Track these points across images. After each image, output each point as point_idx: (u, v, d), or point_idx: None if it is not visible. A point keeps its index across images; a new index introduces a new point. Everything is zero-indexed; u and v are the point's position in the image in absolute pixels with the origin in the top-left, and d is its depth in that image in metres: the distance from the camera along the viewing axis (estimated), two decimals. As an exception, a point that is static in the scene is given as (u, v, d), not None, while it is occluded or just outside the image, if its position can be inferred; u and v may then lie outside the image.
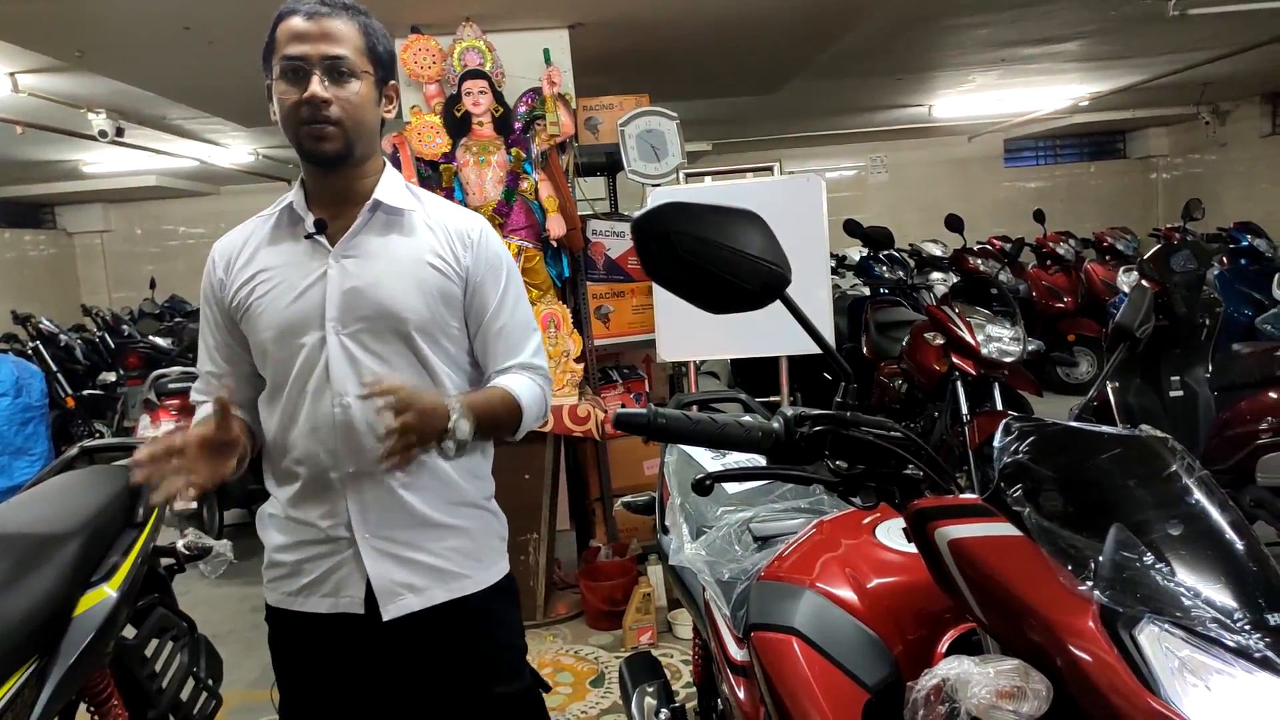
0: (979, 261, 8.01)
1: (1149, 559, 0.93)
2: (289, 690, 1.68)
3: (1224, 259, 6.91)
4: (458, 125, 3.85)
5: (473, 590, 1.62)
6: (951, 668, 0.92)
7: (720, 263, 1.06)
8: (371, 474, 1.52)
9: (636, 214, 1.13)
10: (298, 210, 1.55)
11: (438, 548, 1.58)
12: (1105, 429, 1.06)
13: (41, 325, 7.56)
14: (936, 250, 8.51)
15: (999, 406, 4.04)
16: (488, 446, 1.69)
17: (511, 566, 1.75)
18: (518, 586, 1.78)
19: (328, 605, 1.56)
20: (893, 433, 1.09)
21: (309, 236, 1.53)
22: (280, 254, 1.55)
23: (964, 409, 3.97)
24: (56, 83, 5.25)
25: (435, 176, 3.86)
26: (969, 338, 4.06)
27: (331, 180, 1.54)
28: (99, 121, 5.83)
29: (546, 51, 4.04)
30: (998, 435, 1.06)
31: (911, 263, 7.73)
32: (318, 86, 1.42)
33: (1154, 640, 0.88)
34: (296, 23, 1.44)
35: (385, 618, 1.54)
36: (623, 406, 4.29)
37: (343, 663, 1.60)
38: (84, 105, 5.75)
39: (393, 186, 1.57)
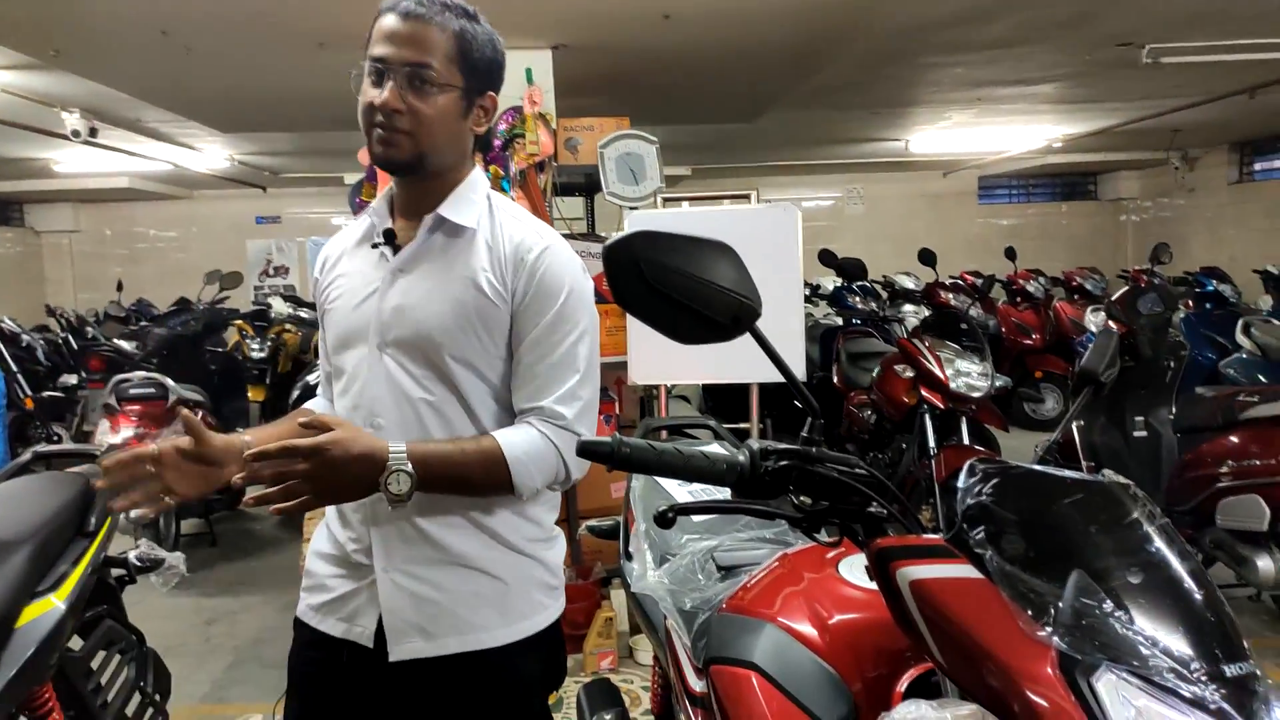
0: (950, 296, 8.09)
1: (1109, 606, 0.93)
2: (296, 708, 1.58)
3: (1190, 303, 7.04)
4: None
5: (491, 645, 1.45)
6: (909, 712, 0.91)
7: (691, 293, 1.06)
8: None
9: (607, 241, 1.12)
10: (375, 217, 1.51)
11: (462, 592, 1.44)
12: (1068, 473, 1.06)
13: (3, 324, 7.43)
14: (909, 283, 8.59)
15: (965, 440, 4.07)
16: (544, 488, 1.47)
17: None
18: (562, 640, 1.62)
19: (341, 629, 1.48)
20: (857, 470, 1.08)
21: (375, 246, 1.48)
22: (356, 260, 1.52)
23: (931, 442, 3.99)
24: (30, 80, 5.18)
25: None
26: (938, 371, 4.09)
27: (409, 189, 1.48)
28: (72, 121, 5.75)
29: (529, 71, 4.05)
30: (962, 476, 1.06)
31: (884, 294, 7.80)
32: (390, 94, 1.35)
33: (1111, 688, 0.88)
34: (390, 20, 1.36)
35: (392, 659, 1.43)
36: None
37: (348, 693, 1.50)
38: (57, 104, 5.68)
39: (463, 201, 1.46)
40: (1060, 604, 0.93)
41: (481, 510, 1.44)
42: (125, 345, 6.11)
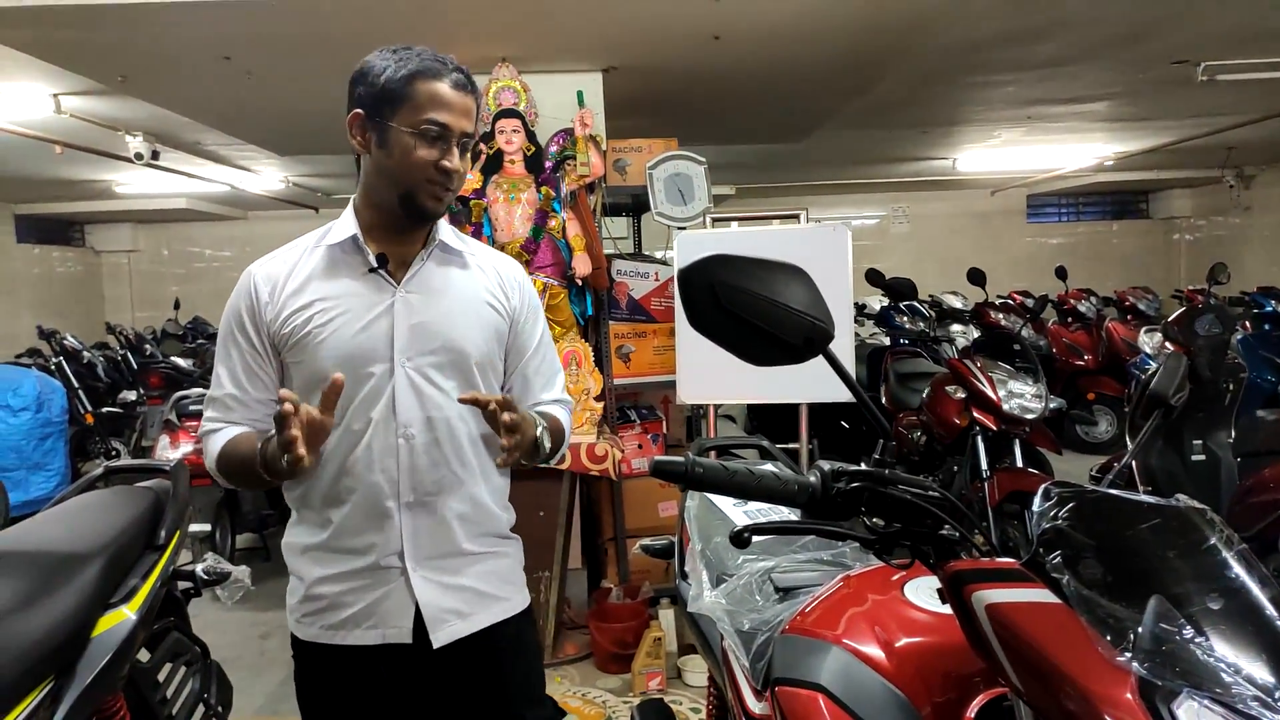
0: (1000, 316, 8.00)
1: (1189, 632, 0.92)
2: None
3: (1247, 324, 6.88)
4: (489, 162, 3.90)
5: (510, 614, 1.68)
6: (988, 736, 0.91)
7: (764, 316, 1.07)
8: (428, 504, 1.58)
9: (676, 262, 1.14)
10: (360, 244, 1.59)
11: (477, 572, 1.64)
12: (1144, 498, 1.05)
13: (65, 341, 7.63)
14: (957, 303, 8.51)
15: (1019, 463, 4.01)
16: (507, 476, 1.75)
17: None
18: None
19: (375, 637, 1.58)
20: (930, 492, 1.09)
21: (373, 270, 1.57)
22: (339, 285, 1.57)
23: (984, 464, 3.94)
24: (97, 105, 5.35)
25: (465, 212, 3.90)
26: (991, 393, 4.04)
27: (408, 226, 1.60)
28: (135, 144, 5.93)
29: (580, 93, 4.10)
30: (1036, 500, 1.06)
31: (932, 314, 7.73)
32: (457, 161, 1.52)
33: (1193, 715, 0.88)
34: (445, 90, 1.51)
35: (436, 644, 1.57)
36: (639, 446, 4.29)
37: (384, 695, 1.60)
38: (122, 128, 5.85)
39: (446, 229, 1.67)
40: (1139, 629, 0.93)
41: (485, 503, 1.65)
42: (182, 362, 6.25)
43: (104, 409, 7.10)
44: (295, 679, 1.68)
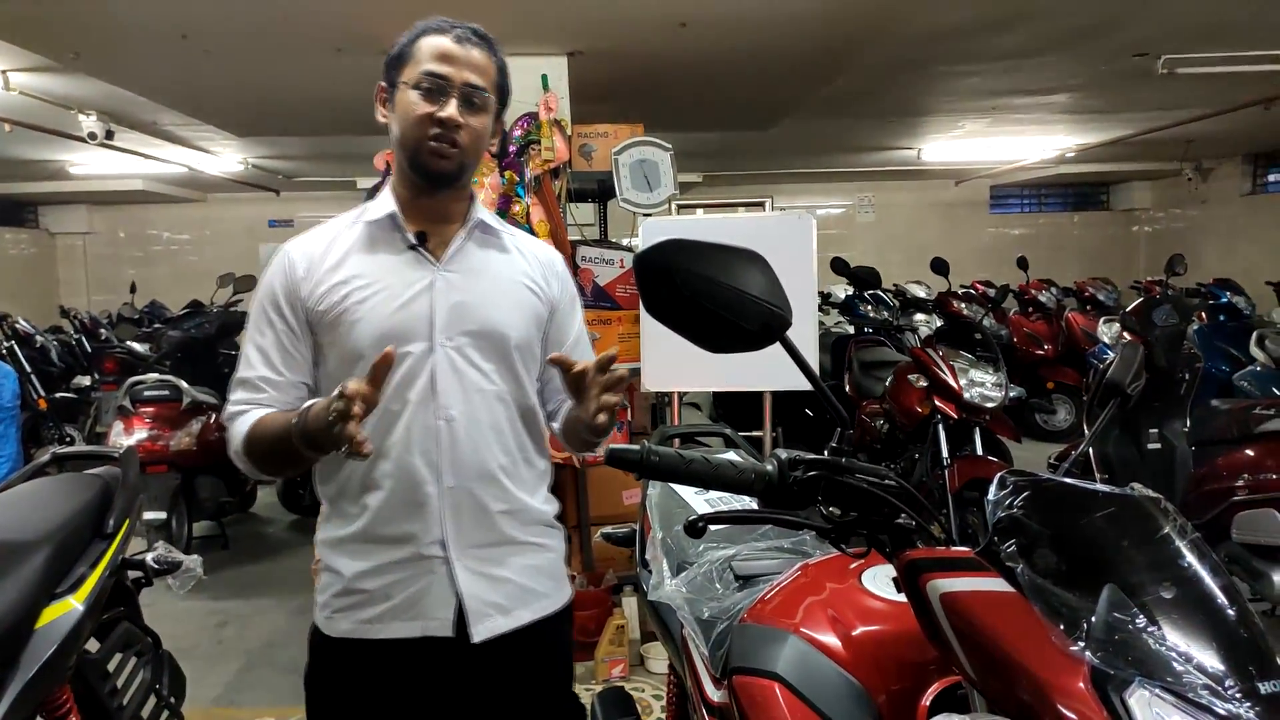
0: (963, 305, 8.07)
1: (1142, 621, 0.92)
2: None
3: (1203, 315, 7.00)
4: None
5: (551, 611, 1.61)
6: (941, 726, 0.91)
7: (722, 302, 1.06)
8: (469, 489, 1.51)
9: (639, 248, 1.13)
10: (382, 221, 1.55)
11: (520, 565, 1.57)
12: (1100, 487, 1.05)
13: (18, 325, 7.45)
14: (920, 292, 8.57)
15: (979, 451, 4.05)
16: (549, 462, 1.68)
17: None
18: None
19: (415, 629, 1.50)
20: (887, 481, 1.08)
21: (412, 248, 1.53)
22: (377, 262, 1.53)
23: (945, 452, 3.98)
24: (48, 82, 5.21)
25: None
26: (952, 381, 4.08)
27: (435, 199, 1.55)
28: (89, 123, 5.78)
29: (544, 77, 4.06)
30: (992, 488, 1.06)
31: (896, 303, 7.79)
32: (454, 109, 1.46)
33: (1144, 704, 0.88)
34: (445, 42, 1.47)
35: (475, 639, 1.50)
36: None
37: (414, 690, 1.54)
38: (75, 106, 5.71)
39: (484, 210, 1.63)
40: (1093, 619, 0.93)
41: (528, 494, 1.59)
42: (139, 347, 6.14)
43: (58, 394, 6.96)
44: (307, 679, 1.59)
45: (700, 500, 2.18)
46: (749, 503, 1.15)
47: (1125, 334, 3.81)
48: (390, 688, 1.53)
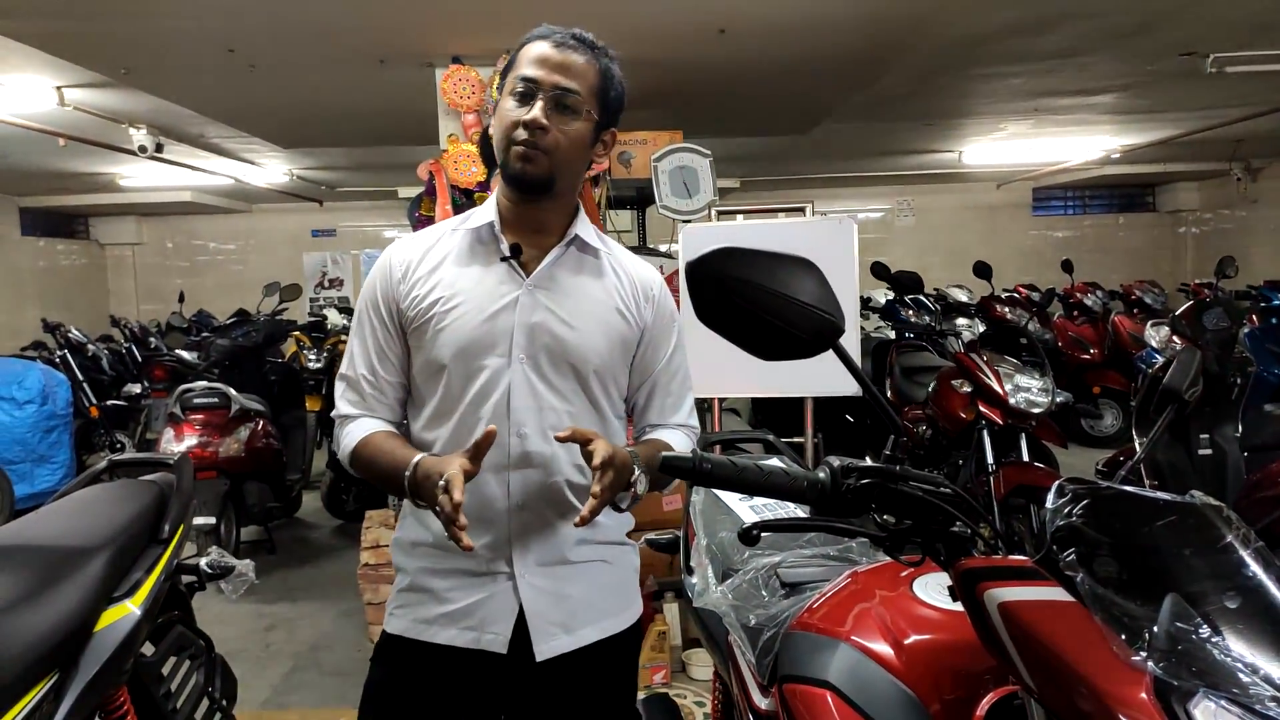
0: (1006, 309, 7.98)
1: (1205, 631, 0.91)
2: None
3: (1254, 317, 6.85)
4: (493, 154, 3.87)
5: (618, 630, 1.58)
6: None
7: (774, 310, 1.05)
8: (538, 507, 1.50)
9: (680, 255, 1.13)
10: (481, 231, 1.54)
11: (588, 583, 1.55)
12: (1161, 495, 1.03)
13: (70, 334, 7.64)
14: (962, 296, 8.47)
15: (1025, 457, 4.00)
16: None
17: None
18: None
19: (469, 639, 1.49)
20: (942, 489, 1.07)
21: (504, 260, 1.51)
22: (469, 273, 1.52)
23: (990, 458, 3.93)
24: (100, 98, 5.34)
25: (469, 204, 3.89)
26: (997, 387, 4.03)
27: (528, 208, 1.52)
28: (139, 137, 5.92)
29: (584, 86, 4.08)
30: (1050, 496, 1.04)
31: (937, 308, 7.71)
32: (539, 111, 1.42)
33: (1209, 716, 0.86)
34: (543, 47, 1.45)
35: (539, 658, 1.49)
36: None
37: (465, 703, 1.52)
38: (126, 120, 5.85)
39: (585, 225, 1.57)
40: (1155, 628, 0.91)
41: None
42: (187, 355, 6.25)
43: (109, 402, 7.11)
44: (372, 673, 1.59)
45: (744, 507, 2.17)
46: (795, 510, 1.15)
47: (1174, 338, 3.74)
48: (439, 695, 1.52)
